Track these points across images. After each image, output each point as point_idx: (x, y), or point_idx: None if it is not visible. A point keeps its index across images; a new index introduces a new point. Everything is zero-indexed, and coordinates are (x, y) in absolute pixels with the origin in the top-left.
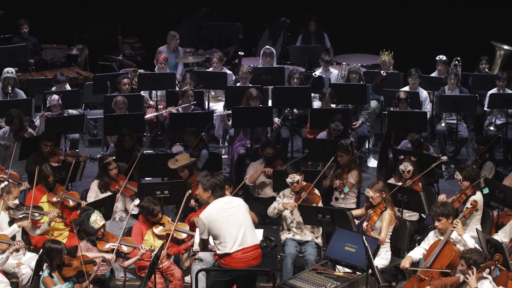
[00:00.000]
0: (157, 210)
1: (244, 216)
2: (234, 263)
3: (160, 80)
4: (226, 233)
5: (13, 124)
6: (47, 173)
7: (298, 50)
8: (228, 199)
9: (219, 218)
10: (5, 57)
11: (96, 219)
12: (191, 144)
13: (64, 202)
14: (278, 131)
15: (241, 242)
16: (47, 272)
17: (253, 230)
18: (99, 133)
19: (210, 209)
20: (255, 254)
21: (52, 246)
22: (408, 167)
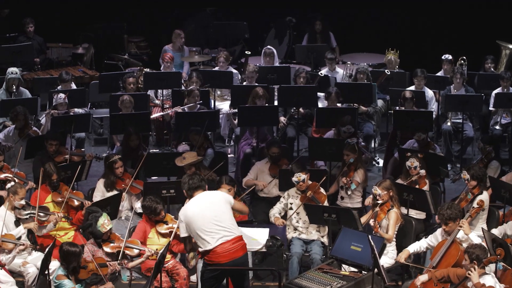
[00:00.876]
0: (159, 209)
1: (222, 209)
2: (216, 258)
3: (166, 79)
4: (203, 229)
5: (18, 121)
6: (50, 171)
7: (304, 49)
8: (204, 195)
9: (194, 215)
10: (11, 56)
11: (104, 222)
12: (196, 143)
13: (68, 202)
14: (284, 130)
15: (220, 236)
16: (62, 271)
17: (233, 222)
18: (105, 132)
19: (186, 207)
20: (238, 247)
21: (69, 250)
22: (414, 163)
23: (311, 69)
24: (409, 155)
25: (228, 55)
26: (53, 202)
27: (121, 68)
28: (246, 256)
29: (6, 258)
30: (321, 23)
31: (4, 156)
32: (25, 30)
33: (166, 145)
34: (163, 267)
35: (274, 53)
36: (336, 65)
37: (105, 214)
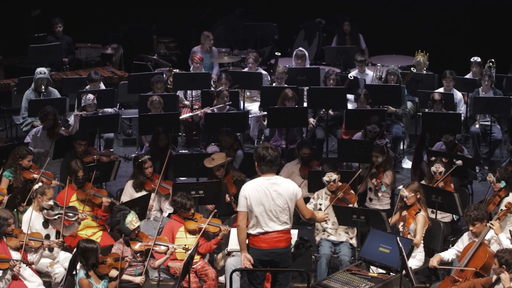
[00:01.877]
0: (189, 204)
1: (285, 201)
2: (257, 243)
3: (196, 80)
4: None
5: (47, 121)
6: (76, 168)
7: (333, 51)
8: (273, 180)
9: (257, 197)
10: (39, 56)
11: (132, 220)
12: (226, 144)
13: (92, 199)
14: (313, 131)
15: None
16: (83, 273)
17: (289, 216)
18: (134, 132)
19: (255, 184)
20: (282, 238)
21: (87, 246)
22: (439, 169)
23: (340, 70)
24: (433, 159)
25: (258, 56)
26: (78, 200)
27: (150, 68)
28: (287, 248)
29: (34, 257)
30: (350, 24)
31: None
32: (54, 30)
33: (195, 146)
34: (192, 268)
35: (305, 55)
36: (365, 67)
37: (133, 212)
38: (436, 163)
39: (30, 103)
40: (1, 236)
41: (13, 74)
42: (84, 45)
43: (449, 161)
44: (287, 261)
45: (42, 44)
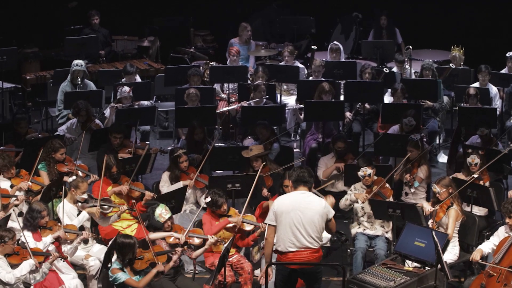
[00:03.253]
0: (221, 201)
1: (315, 219)
2: (285, 258)
3: (232, 73)
4: (288, 229)
5: (80, 116)
6: (110, 163)
7: (370, 45)
8: (306, 196)
9: (288, 211)
10: (76, 48)
11: (161, 212)
12: (262, 137)
13: (129, 192)
14: (350, 125)
15: (299, 243)
16: (118, 265)
17: (319, 234)
18: (170, 125)
19: (286, 199)
20: (311, 257)
21: (124, 241)
22: (475, 160)
23: (377, 64)
24: (470, 151)
25: (293, 50)
26: (113, 193)
27: (187, 61)
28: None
29: (68, 248)
30: (386, 18)
31: (67, 149)
32: (90, 23)
33: (231, 139)
34: (227, 261)
35: (340, 48)
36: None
37: (162, 205)
38: (472, 154)
39: (66, 96)
40: (36, 228)
41: (49, 66)
42: (120, 37)
43: (485, 154)
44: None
45: (79, 36)
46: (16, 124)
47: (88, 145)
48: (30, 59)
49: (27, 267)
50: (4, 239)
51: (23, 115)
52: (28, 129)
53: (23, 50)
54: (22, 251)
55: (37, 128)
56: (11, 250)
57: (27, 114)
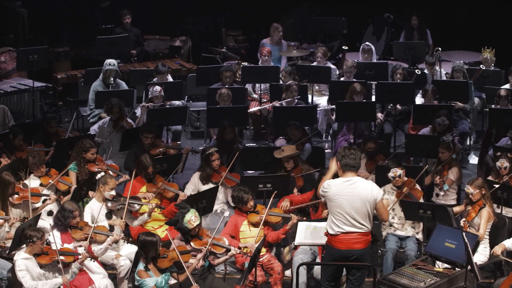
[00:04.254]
0: (246, 197)
1: (362, 204)
2: (335, 243)
3: (264, 73)
4: (337, 213)
5: (113, 113)
6: (146, 164)
7: (402, 46)
8: (354, 182)
9: (335, 197)
10: (107, 47)
11: (191, 219)
12: (294, 137)
13: (163, 192)
14: (381, 126)
15: (347, 226)
16: (142, 265)
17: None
18: (202, 125)
19: (334, 184)
20: (359, 240)
21: (146, 239)
22: (504, 164)
23: (408, 65)
24: (498, 154)
25: (326, 51)
26: (147, 193)
27: (219, 61)
28: (365, 250)
29: (98, 249)
30: (418, 19)
31: (98, 149)
32: (122, 22)
33: (263, 139)
34: (258, 261)
35: (372, 49)
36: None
37: (193, 210)
38: (501, 158)
39: (97, 95)
40: (66, 228)
41: (80, 66)
42: (152, 37)
43: None
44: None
45: (110, 35)
46: (46, 124)
47: (119, 144)
48: (61, 58)
49: (53, 285)
50: (32, 238)
51: (53, 114)
52: (58, 129)
53: (54, 49)
54: (51, 251)
55: (67, 128)
56: (39, 250)
57: (57, 114)
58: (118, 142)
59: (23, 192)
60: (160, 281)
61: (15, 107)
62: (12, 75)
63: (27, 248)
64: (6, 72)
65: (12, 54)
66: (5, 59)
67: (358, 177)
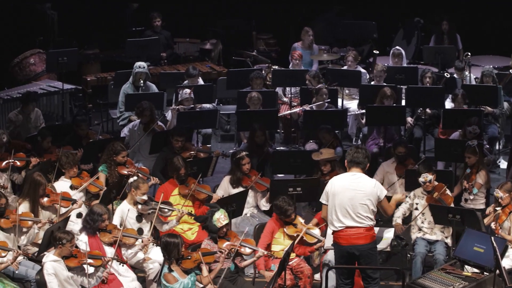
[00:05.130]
0: (290, 211)
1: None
2: (337, 239)
3: (295, 76)
4: (338, 208)
5: (144, 116)
6: (178, 165)
7: (432, 50)
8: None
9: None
10: (137, 50)
11: (220, 217)
12: (325, 141)
13: (195, 194)
14: (411, 130)
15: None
16: (166, 268)
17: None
18: (232, 128)
19: (338, 179)
20: (361, 235)
21: (168, 240)
22: None
23: (438, 70)
24: None
25: (357, 55)
26: (179, 195)
27: (249, 64)
28: (368, 245)
29: (129, 253)
30: (448, 23)
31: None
32: (152, 25)
33: (293, 143)
34: (288, 265)
35: (402, 54)
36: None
37: (222, 210)
38: None
39: (127, 97)
40: (95, 231)
41: (110, 68)
42: (182, 40)
43: None
44: (370, 258)
45: (140, 38)
46: (76, 126)
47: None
48: (91, 61)
49: None
50: (62, 241)
51: (84, 117)
52: (88, 131)
53: (84, 51)
54: (80, 254)
55: (97, 130)
56: (68, 252)
57: (87, 116)
58: (148, 145)
59: (53, 195)
60: (186, 282)
61: (44, 109)
62: (41, 77)
63: (56, 250)
64: (35, 74)
65: (41, 56)
66: (35, 61)
67: (363, 174)
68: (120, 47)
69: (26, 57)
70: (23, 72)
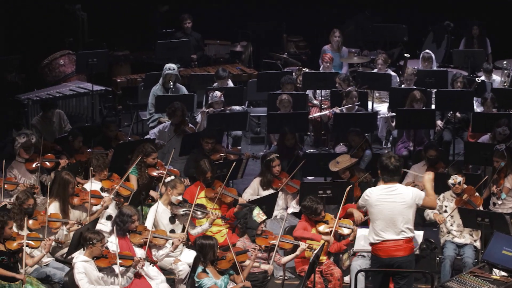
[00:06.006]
0: (320, 209)
1: (403, 211)
2: (376, 251)
3: (325, 79)
4: (377, 221)
5: (175, 117)
6: (205, 168)
7: (462, 54)
8: (393, 189)
9: (377, 204)
10: (167, 52)
11: (259, 212)
12: (355, 144)
13: (221, 198)
14: (441, 134)
15: (388, 234)
16: (201, 268)
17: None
18: (262, 131)
19: (375, 192)
20: (400, 247)
21: (204, 242)
22: None
23: (468, 73)
24: None
25: (387, 58)
26: (206, 198)
27: (280, 67)
28: (407, 258)
29: (160, 254)
30: (478, 27)
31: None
32: (183, 26)
33: (323, 145)
34: (317, 268)
35: (432, 57)
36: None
37: (258, 207)
38: None
39: (157, 99)
40: (125, 233)
41: (140, 70)
42: (213, 42)
43: None
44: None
45: (171, 40)
46: (105, 127)
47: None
48: (121, 62)
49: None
50: (92, 241)
51: (113, 118)
52: (118, 133)
53: (114, 52)
54: (111, 255)
55: (127, 132)
56: (99, 253)
57: (117, 117)
58: (178, 147)
59: (83, 194)
60: (220, 283)
61: (74, 110)
62: (71, 78)
63: (87, 250)
64: (65, 75)
65: (71, 57)
66: (64, 62)
67: (398, 184)
68: (150, 49)
69: (56, 58)
70: (52, 73)
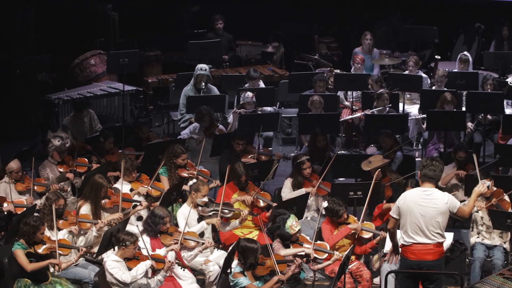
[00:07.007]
0: (342, 211)
1: (436, 217)
2: (406, 254)
3: (356, 81)
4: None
5: (203, 122)
6: (240, 172)
7: (492, 56)
8: (429, 193)
9: (410, 207)
10: (199, 52)
11: (292, 224)
12: (385, 145)
13: (254, 202)
14: (471, 135)
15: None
16: (239, 269)
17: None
18: (293, 132)
19: (410, 195)
20: (430, 251)
21: (247, 245)
22: None
23: (498, 75)
24: None
25: (418, 60)
26: (238, 201)
27: (311, 68)
28: (437, 262)
29: (188, 255)
30: (509, 29)
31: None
32: (214, 27)
33: (354, 147)
34: (347, 269)
35: (469, 59)
36: None
37: (293, 216)
38: None
39: (188, 100)
40: (156, 234)
41: (171, 70)
42: (244, 42)
43: None
44: (437, 274)
45: (202, 40)
46: (137, 129)
47: (210, 150)
48: (152, 62)
49: (143, 267)
50: (125, 242)
51: (145, 119)
52: (149, 134)
53: (145, 53)
54: (142, 256)
55: (158, 132)
56: (131, 254)
57: (148, 118)
58: (209, 148)
59: (114, 196)
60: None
61: (104, 110)
62: (102, 78)
63: (119, 251)
64: (96, 75)
65: (102, 57)
66: (95, 62)
67: (435, 189)
68: (181, 49)
69: (87, 58)
70: (83, 73)
